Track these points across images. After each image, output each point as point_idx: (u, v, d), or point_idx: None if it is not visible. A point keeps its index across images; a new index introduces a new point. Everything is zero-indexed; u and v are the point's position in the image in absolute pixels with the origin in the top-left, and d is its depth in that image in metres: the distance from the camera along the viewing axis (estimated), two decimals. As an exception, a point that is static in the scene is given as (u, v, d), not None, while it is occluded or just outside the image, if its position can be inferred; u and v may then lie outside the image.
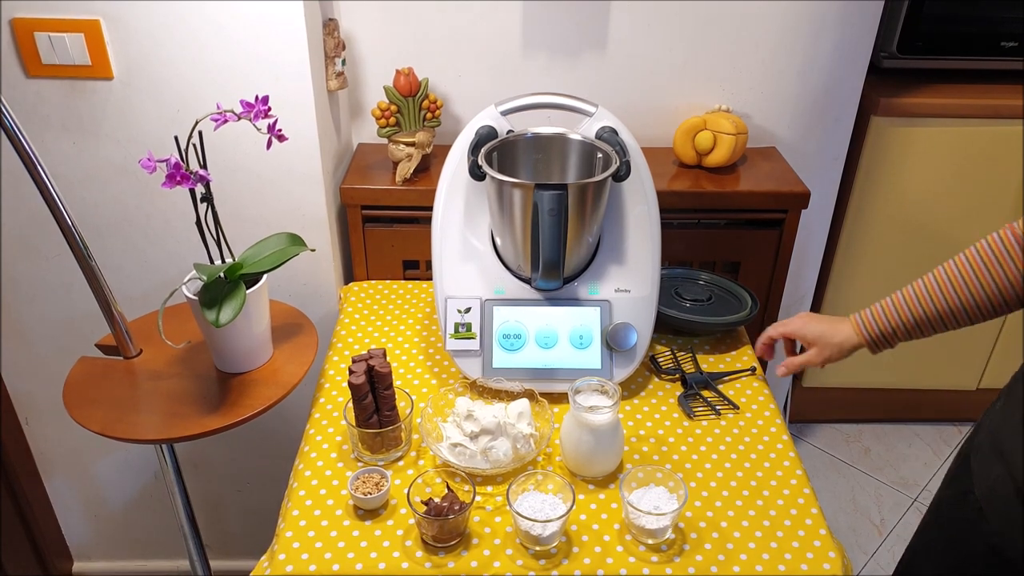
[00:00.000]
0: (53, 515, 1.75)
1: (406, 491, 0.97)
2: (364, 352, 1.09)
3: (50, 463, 1.68)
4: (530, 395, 1.10)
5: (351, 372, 1.04)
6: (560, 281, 1.15)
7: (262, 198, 1.37)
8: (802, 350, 1.13)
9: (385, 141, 1.48)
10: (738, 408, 1.16)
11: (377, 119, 1.42)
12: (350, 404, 1.06)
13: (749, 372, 1.24)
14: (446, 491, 0.96)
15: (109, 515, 1.76)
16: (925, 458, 2.18)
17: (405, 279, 1.50)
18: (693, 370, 1.23)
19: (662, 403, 1.18)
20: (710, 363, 1.26)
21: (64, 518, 1.77)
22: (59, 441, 1.64)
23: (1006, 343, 2.08)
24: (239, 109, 1.01)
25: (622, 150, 1.14)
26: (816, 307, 2.03)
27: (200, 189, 1.05)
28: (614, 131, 1.17)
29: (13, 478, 1.61)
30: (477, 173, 1.13)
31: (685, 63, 1.52)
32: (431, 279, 1.22)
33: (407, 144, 1.44)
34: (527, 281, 1.18)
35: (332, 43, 1.36)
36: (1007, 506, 0.91)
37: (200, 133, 1.02)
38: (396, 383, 1.09)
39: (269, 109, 1.03)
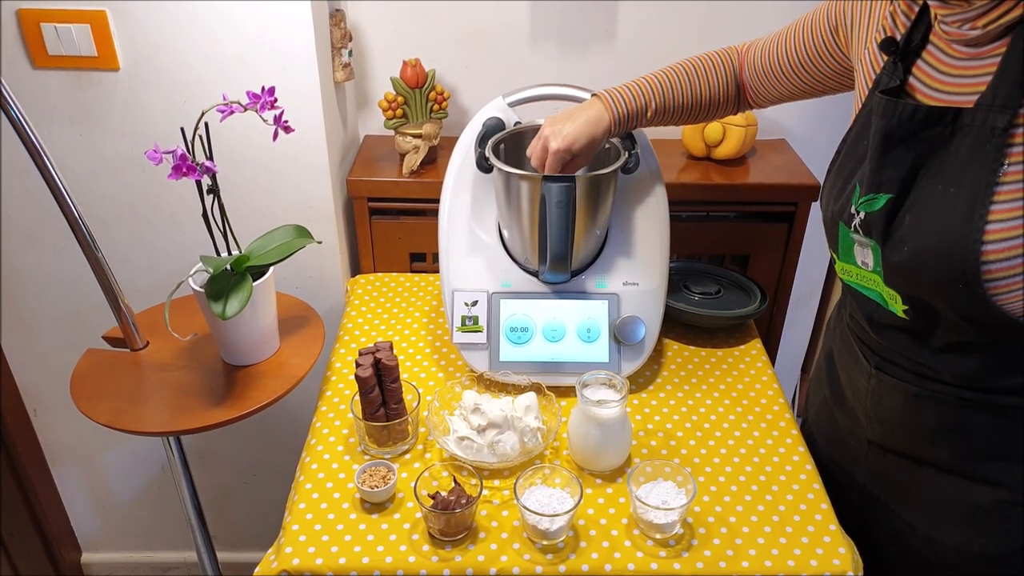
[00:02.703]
0: (61, 506, 1.76)
1: (413, 485, 0.96)
2: (371, 345, 1.09)
3: (58, 455, 1.68)
4: (537, 389, 1.10)
5: (358, 365, 1.04)
6: (568, 274, 1.14)
7: (268, 190, 1.37)
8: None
9: (392, 133, 1.47)
10: None
11: (384, 111, 1.42)
12: (357, 397, 1.05)
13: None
14: (453, 485, 0.96)
15: (117, 506, 1.77)
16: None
17: (412, 272, 1.49)
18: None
19: (670, 397, 1.17)
20: (718, 356, 1.26)
21: (72, 509, 1.78)
22: (67, 433, 1.64)
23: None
24: (245, 100, 1.01)
25: (631, 142, 1.13)
26: (825, 300, 2.01)
27: (206, 181, 1.04)
28: (623, 123, 1.15)
29: (21, 469, 1.61)
30: (484, 165, 1.13)
31: (694, 53, 1.50)
32: (438, 272, 1.21)
33: (414, 136, 1.43)
34: (534, 274, 1.18)
35: (339, 34, 1.35)
36: (826, 427, 1.10)
37: (206, 124, 1.02)
38: (403, 376, 1.08)
39: (275, 100, 1.02)
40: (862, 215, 0.85)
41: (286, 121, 1.04)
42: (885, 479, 0.99)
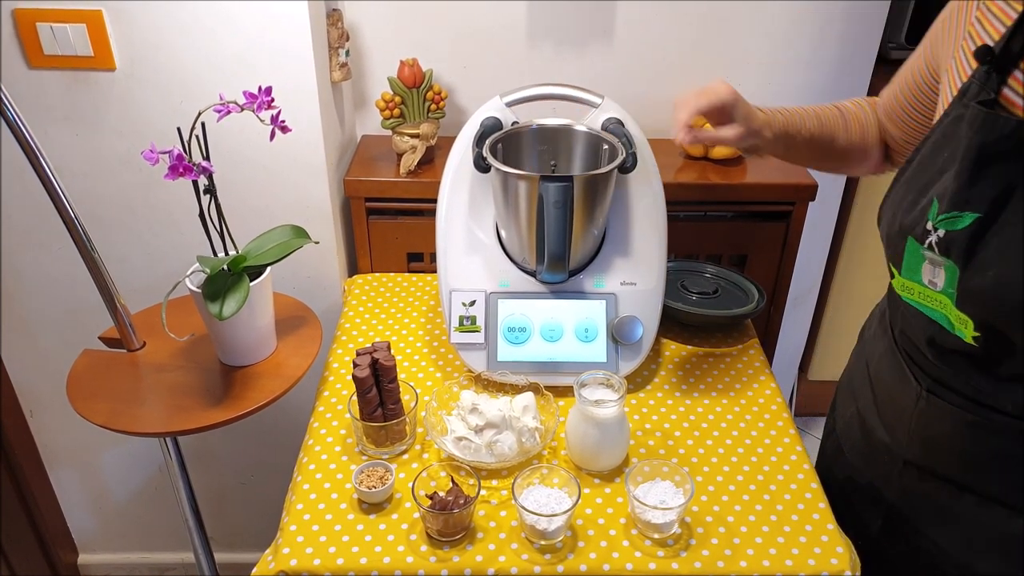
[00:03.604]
0: (58, 507, 1.75)
1: (411, 485, 0.96)
2: (368, 345, 1.09)
3: (54, 455, 1.68)
4: (535, 388, 1.09)
5: (355, 365, 1.04)
6: (565, 274, 1.14)
7: (266, 190, 1.36)
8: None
9: (389, 133, 1.47)
10: None
11: (381, 110, 1.41)
12: (354, 397, 1.05)
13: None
14: (451, 485, 0.96)
15: (113, 507, 1.77)
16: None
17: (409, 272, 1.49)
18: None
19: (668, 396, 1.17)
20: (716, 356, 1.26)
21: (68, 510, 1.78)
22: (63, 433, 1.64)
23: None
24: (242, 100, 1.01)
25: (628, 141, 1.13)
26: (823, 299, 2.02)
27: (203, 181, 1.04)
28: (620, 122, 1.16)
29: (18, 470, 1.61)
30: (482, 165, 1.13)
31: (692, 54, 1.51)
32: (435, 272, 1.21)
33: (411, 136, 1.43)
34: (532, 274, 1.18)
35: (336, 34, 1.35)
36: (857, 440, 1.04)
37: (203, 124, 1.01)
38: (400, 376, 1.08)
39: (272, 100, 1.02)
40: (941, 233, 0.78)
41: (283, 121, 1.04)
42: (919, 500, 0.95)
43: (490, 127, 1.16)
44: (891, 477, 0.98)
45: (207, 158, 1.03)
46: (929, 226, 0.80)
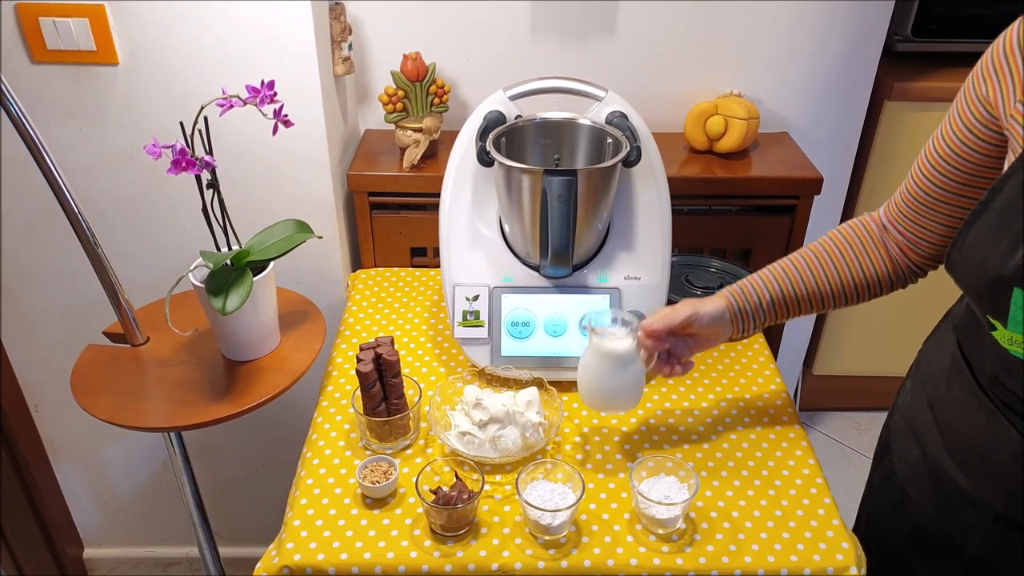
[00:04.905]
0: (63, 502, 1.76)
1: (414, 480, 0.96)
2: (372, 340, 1.08)
3: (59, 450, 1.68)
4: (539, 383, 1.09)
5: (359, 360, 1.04)
6: (569, 268, 1.14)
7: (268, 184, 1.36)
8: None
9: (392, 127, 1.47)
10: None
11: (384, 104, 1.41)
12: (358, 392, 1.05)
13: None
14: (455, 480, 0.96)
15: (118, 502, 1.77)
16: (936, 446, 2.17)
17: (413, 266, 1.49)
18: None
19: (672, 392, 1.17)
20: (720, 351, 1.25)
21: (74, 505, 1.78)
22: (68, 428, 1.64)
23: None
24: (245, 94, 1.00)
25: (632, 135, 1.13)
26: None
27: (206, 175, 1.04)
28: (624, 116, 1.15)
29: (23, 465, 1.61)
30: (485, 159, 1.12)
31: (696, 47, 1.50)
32: (439, 266, 1.21)
33: (414, 130, 1.43)
34: (536, 268, 1.17)
35: (338, 27, 1.34)
36: (927, 488, 0.94)
37: (206, 119, 1.01)
38: (404, 371, 1.08)
39: (275, 94, 1.01)
40: None
41: (286, 115, 1.04)
42: (1011, 556, 0.88)
43: (493, 121, 1.15)
44: (976, 528, 0.90)
45: (210, 153, 1.03)
46: None
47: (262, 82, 1.01)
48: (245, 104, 1.00)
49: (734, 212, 1.50)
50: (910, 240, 0.94)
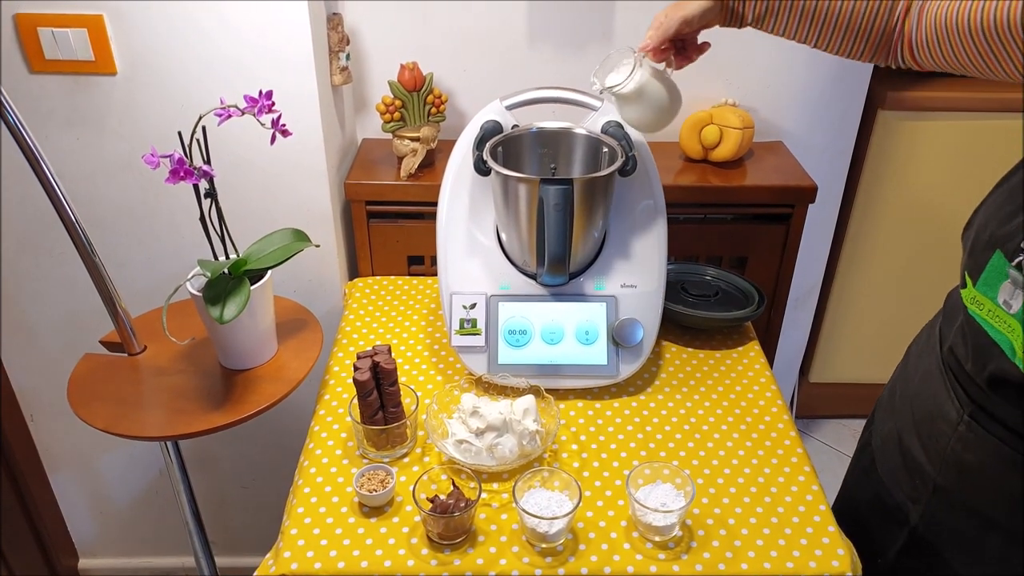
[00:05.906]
0: (58, 511, 1.75)
1: (411, 488, 0.96)
2: (369, 348, 1.09)
3: (55, 460, 1.68)
4: (536, 391, 1.09)
5: (356, 368, 1.04)
6: (566, 276, 1.14)
7: (266, 194, 1.36)
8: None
9: (390, 136, 1.47)
10: None
11: (381, 114, 1.42)
12: (355, 401, 1.05)
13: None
14: (452, 488, 0.96)
15: (114, 512, 1.77)
16: (932, 454, 2.17)
17: (410, 275, 1.49)
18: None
19: (669, 399, 1.17)
20: (716, 359, 1.26)
21: (69, 515, 1.77)
22: (64, 438, 1.64)
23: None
24: (243, 104, 1.01)
25: (628, 144, 1.14)
26: (823, 302, 2.02)
27: (204, 184, 1.04)
28: (620, 125, 1.16)
29: (18, 475, 1.61)
30: (482, 168, 1.13)
31: (691, 57, 1.51)
32: (436, 275, 1.21)
33: (412, 139, 1.44)
34: (533, 277, 1.18)
35: (336, 38, 1.35)
36: (891, 457, 0.99)
37: (204, 128, 1.02)
38: (401, 379, 1.08)
39: (273, 104, 1.02)
40: None
41: (284, 125, 1.04)
42: (944, 529, 0.91)
43: (490, 130, 1.16)
44: (919, 500, 0.93)
45: (208, 162, 1.03)
46: (1023, 244, 0.74)
47: (260, 92, 1.01)
48: (243, 114, 1.01)
49: (729, 220, 1.51)
50: (925, 43, 0.86)
